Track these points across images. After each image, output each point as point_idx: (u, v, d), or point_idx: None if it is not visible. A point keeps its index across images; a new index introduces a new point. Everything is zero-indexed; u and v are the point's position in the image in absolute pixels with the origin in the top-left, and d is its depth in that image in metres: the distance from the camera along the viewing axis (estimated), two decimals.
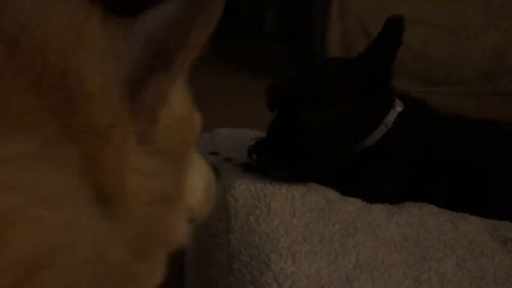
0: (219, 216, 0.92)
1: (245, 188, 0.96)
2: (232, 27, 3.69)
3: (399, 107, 1.00)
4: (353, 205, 0.95)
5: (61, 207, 0.24)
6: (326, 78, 0.96)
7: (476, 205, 0.97)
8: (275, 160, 0.94)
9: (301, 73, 1.02)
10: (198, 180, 0.40)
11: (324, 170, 0.97)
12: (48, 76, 0.27)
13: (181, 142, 0.34)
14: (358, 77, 0.94)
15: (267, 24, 3.51)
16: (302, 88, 0.95)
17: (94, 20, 0.30)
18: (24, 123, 0.25)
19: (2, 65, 0.26)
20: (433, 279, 0.76)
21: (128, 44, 0.30)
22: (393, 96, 1.02)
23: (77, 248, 0.23)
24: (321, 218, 0.89)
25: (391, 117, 0.99)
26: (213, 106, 2.09)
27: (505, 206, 0.98)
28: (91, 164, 0.27)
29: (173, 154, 0.32)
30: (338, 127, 0.93)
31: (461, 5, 2.30)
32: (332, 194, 0.99)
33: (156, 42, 0.30)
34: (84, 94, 0.28)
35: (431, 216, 0.94)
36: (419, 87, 2.34)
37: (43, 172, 0.24)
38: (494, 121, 1.07)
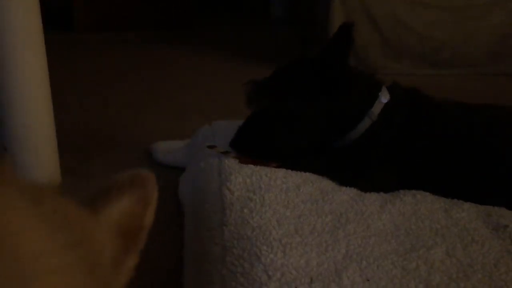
0: (215, 209, 0.94)
1: (241, 181, 0.98)
2: (237, 13, 3.69)
3: (384, 99, 1.02)
4: (347, 195, 0.97)
5: None
6: (288, 78, 1.05)
7: (469, 190, 0.98)
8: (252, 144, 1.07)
9: (274, 73, 1.08)
10: None
11: (293, 154, 1.07)
12: None
13: None
14: (314, 77, 1.01)
15: (273, 10, 3.50)
16: (270, 86, 1.05)
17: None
18: None
19: None
20: (421, 268, 0.78)
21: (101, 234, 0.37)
22: (377, 89, 1.03)
23: None
24: (314, 209, 0.91)
25: (376, 109, 1.02)
26: (217, 95, 2.11)
27: (498, 191, 0.99)
28: None
29: None
30: (297, 119, 1.03)
31: None
32: (327, 185, 1.00)
33: (123, 229, 0.38)
34: None
35: (424, 204, 0.96)
36: (425, 70, 2.33)
37: None
38: (487, 106, 1.07)
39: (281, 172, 1.01)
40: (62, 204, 0.36)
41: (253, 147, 1.07)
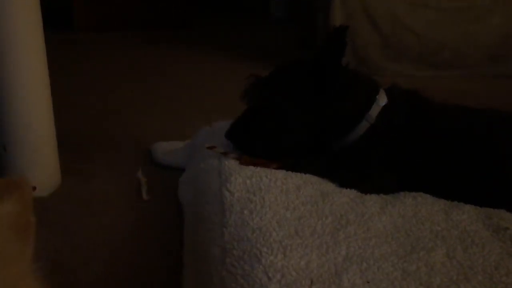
0: (215, 210, 0.94)
1: (241, 182, 0.98)
2: (237, 13, 3.69)
3: (382, 101, 1.03)
4: (347, 196, 0.97)
5: None
6: (283, 78, 1.07)
7: (469, 192, 0.98)
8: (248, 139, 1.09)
9: (272, 72, 1.10)
10: None
11: (285, 151, 1.08)
12: None
13: None
14: (307, 78, 1.03)
15: (273, 11, 3.49)
16: (265, 84, 1.07)
17: None
18: None
19: None
20: (421, 270, 0.78)
21: None
22: (375, 91, 1.04)
23: None
24: (314, 211, 0.91)
25: (374, 112, 1.02)
26: (217, 95, 2.10)
27: (498, 193, 0.99)
28: None
29: None
30: (285, 118, 1.04)
31: None
32: (327, 186, 1.00)
33: (16, 227, 0.46)
34: None
35: (425, 206, 0.96)
36: (425, 71, 2.33)
37: None
38: (485, 109, 1.07)
39: (281, 174, 1.01)
40: None
41: (246, 140, 1.09)
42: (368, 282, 0.74)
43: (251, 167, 1.03)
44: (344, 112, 1.03)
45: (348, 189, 1.00)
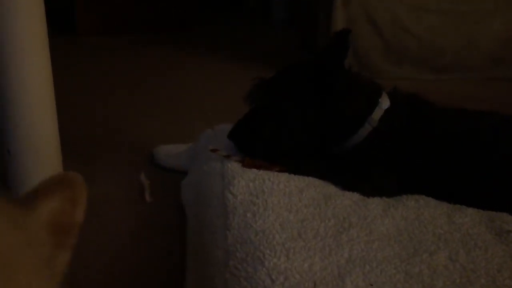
0: (218, 213, 0.94)
1: (244, 185, 0.98)
2: (239, 15, 3.69)
3: (385, 105, 1.03)
4: (350, 199, 0.97)
5: None
6: (286, 80, 1.08)
7: (471, 195, 0.99)
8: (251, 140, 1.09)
9: (275, 74, 1.10)
10: None
11: (286, 152, 1.08)
12: None
13: None
14: (308, 81, 1.04)
15: (274, 13, 3.50)
16: (268, 86, 1.08)
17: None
18: None
19: None
20: (424, 273, 0.78)
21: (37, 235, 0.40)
22: (377, 95, 1.04)
23: None
24: (317, 214, 0.91)
25: (376, 115, 1.03)
26: (219, 97, 2.11)
27: (501, 196, 0.99)
28: None
29: None
30: (286, 119, 1.05)
31: None
32: (330, 189, 1.00)
33: (54, 227, 0.42)
34: None
35: (427, 209, 0.96)
36: (426, 74, 2.33)
37: None
38: (486, 112, 1.08)
39: (284, 176, 1.01)
40: (11, 206, 0.39)
41: (247, 141, 1.10)
42: (371, 285, 0.75)
43: (254, 170, 1.03)
44: (346, 115, 1.03)
45: (351, 192, 1.00)
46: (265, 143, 1.08)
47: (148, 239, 1.22)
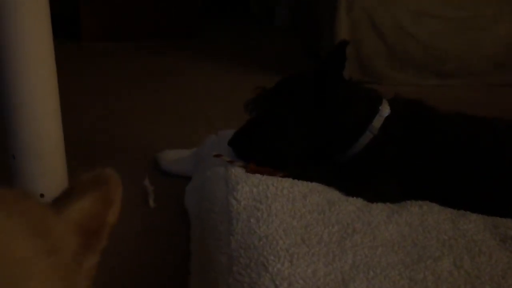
0: (222, 218, 0.95)
1: (248, 190, 0.98)
2: (243, 21, 3.70)
3: (385, 112, 1.04)
4: (354, 205, 0.97)
5: None
6: (286, 90, 1.10)
7: (474, 201, 0.99)
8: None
9: (276, 86, 1.12)
10: None
11: (286, 160, 1.09)
12: None
13: None
14: (307, 90, 1.06)
15: (278, 19, 3.51)
16: (268, 96, 1.10)
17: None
18: None
19: None
20: (428, 279, 0.78)
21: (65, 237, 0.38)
22: (378, 102, 1.05)
23: None
24: (321, 219, 0.91)
25: (377, 123, 1.04)
26: (223, 103, 2.11)
27: (504, 202, 0.99)
28: None
29: None
30: (284, 128, 1.07)
31: None
32: (333, 195, 1.00)
33: (84, 228, 0.40)
34: None
35: (431, 215, 0.96)
36: (430, 80, 2.33)
37: None
38: (490, 118, 1.08)
39: (288, 182, 1.01)
40: (37, 209, 0.37)
41: (247, 149, 1.11)
42: None
43: (258, 175, 1.03)
44: (346, 124, 1.05)
45: (355, 198, 1.00)
46: (264, 152, 1.09)
47: (151, 244, 1.22)
